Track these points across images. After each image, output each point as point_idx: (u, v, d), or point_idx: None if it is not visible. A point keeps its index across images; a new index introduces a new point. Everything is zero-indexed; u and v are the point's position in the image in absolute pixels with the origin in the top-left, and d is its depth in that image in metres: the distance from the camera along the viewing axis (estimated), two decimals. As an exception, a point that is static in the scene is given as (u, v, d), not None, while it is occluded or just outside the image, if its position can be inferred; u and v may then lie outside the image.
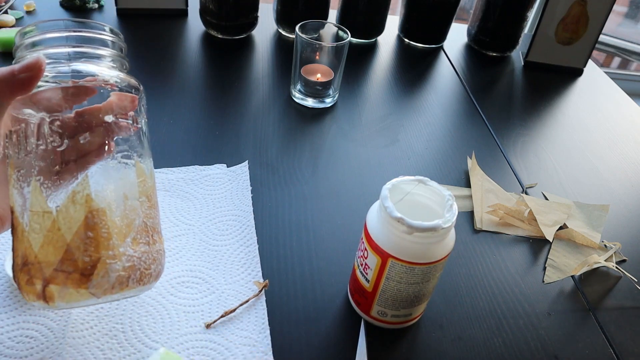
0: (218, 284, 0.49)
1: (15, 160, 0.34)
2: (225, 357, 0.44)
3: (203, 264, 0.51)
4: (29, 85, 0.31)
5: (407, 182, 0.44)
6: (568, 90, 0.97)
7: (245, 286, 0.50)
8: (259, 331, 0.46)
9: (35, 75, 0.31)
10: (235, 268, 0.51)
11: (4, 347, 0.41)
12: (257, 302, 0.48)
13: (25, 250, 0.33)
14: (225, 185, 0.61)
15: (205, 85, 0.79)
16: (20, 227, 0.33)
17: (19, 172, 0.34)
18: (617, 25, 2.01)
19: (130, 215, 0.35)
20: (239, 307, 0.47)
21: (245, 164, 0.64)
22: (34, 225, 0.33)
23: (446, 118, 0.82)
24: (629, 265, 0.60)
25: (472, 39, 1.05)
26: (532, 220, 0.63)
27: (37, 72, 0.31)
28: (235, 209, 0.58)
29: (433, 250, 0.41)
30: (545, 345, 0.50)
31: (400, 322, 0.47)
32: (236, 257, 0.52)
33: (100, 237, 0.33)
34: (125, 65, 0.38)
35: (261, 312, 0.47)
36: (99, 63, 0.35)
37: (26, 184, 0.33)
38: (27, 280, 0.33)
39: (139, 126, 0.38)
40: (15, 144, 0.34)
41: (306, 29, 0.74)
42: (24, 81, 0.31)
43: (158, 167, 0.61)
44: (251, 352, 0.44)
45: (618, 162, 0.78)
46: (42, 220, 0.33)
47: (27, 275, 0.33)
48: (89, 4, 0.93)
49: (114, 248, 0.34)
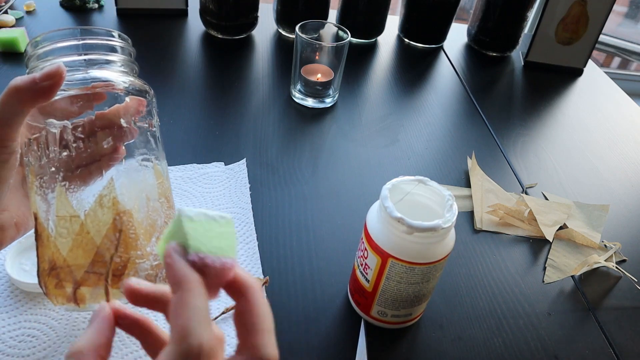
0: None
1: (36, 168, 0.34)
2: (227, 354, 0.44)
3: None
4: (50, 93, 0.32)
5: (407, 182, 0.44)
6: (568, 90, 0.97)
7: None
8: None
9: (56, 83, 0.31)
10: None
11: (6, 347, 0.41)
12: None
13: (52, 255, 0.34)
14: (223, 183, 0.61)
15: (205, 85, 0.79)
16: (46, 233, 0.34)
17: (41, 179, 0.34)
18: (617, 25, 2.01)
19: (153, 216, 0.37)
20: None
21: (243, 162, 0.64)
22: (61, 229, 0.33)
23: (446, 118, 0.82)
24: (629, 265, 0.60)
25: (472, 39, 1.05)
26: (532, 220, 0.63)
27: (58, 80, 0.31)
28: (234, 206, 0.58)
29: (433, 250, 0.41)
30: (545, 345, 0.50)
31: (400, 322, 0.47)
32: (236, 254, 0.52)
33: (128, 238, 0.34)
34: (135, 70, 0.39)
35: None
36: (111, 69, 0.36)
37: (50, 190, 0.34)
38: (57, 284, 0.34)
39: (154, 129, 0.39)
40: (36, 152, 0.34)
41: (306, 29, 0.74)
42: (45, 89, 0.31)
43: (158, 167, 0.61)
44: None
45: (618, 162, 0.78)
46: (70, 224, 0.34)
47: (56, 279, 0.34)
48: (89, 4, 0.93)
49: (141, 248, 0.34)
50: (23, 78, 0.31)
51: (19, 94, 0.31)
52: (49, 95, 0.32)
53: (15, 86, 0.31)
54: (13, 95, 0.31)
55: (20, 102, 0.31)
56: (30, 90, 0.31)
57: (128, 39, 0.39)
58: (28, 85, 0.31)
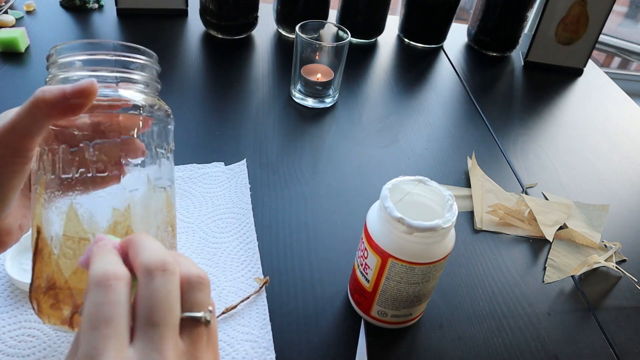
0: (218, 281, 0.49)
1: (47, 180, 0.32)
2: (228, 353, 0.44)
3: (203, 261, 0.51)
4: (79, 111, 0.30)
5: (407, 182, 0.44)
6: (568, 90, 0.97)
7: (246, 283, 0.50)
8: (260, 327, 0.46)
9: (87, 102, 0.29)
10: (235, 265, 0.51)
11: (6, 347, 0.41)
12: (258, 299, 0.48)
13: (52, 274, 0.32)
14: (223, 183, 0.61)
15: (205, 85, 0.79)
16: (48, 250, 0.32)
17: (52, 193, 0.32)
18: (617, 25, 2.01)
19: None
20: (240, 304, 0.47)
21: (244, 162, 0.64)
22: (67, 250, 0.32)
23: (446, 118, 0.82)
24: (629, 265, 0.60)
25: (472, 39, 1.05)
26: (532, 220, 0.63)
27: (90, 98, 0.29)
28: (234, 206, 0.58)
29: (433, 250, 0.41)
30: (545, 345, 0.50)
31: (400, 322, 0.47)
32: (236, 254, 0.53)
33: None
34: (158, 89, 0.37)
35: (262, 309, 0.48)
36: (138, 88, 0.34)
37: (59, 206, 0.32)
38: (53, 304, 0.32)
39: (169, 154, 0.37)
40: (50, 164, 0.32)
41: (306, 29, 0.74)
42: (75, 106, 0.29)
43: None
44: (253, 348, 0.44)
45: (618, 162, 0.78)
46: (77, 246, 0.32)
47: (53, 299, 0.32)
48: (89, 3, 0.93)
49: None
50: (52, 90, 0.29)
51: (45, 106, 0.29)
52: (78, 112, 0.30)
53: (43, 98, 0.29)
54: (38, 106, 0.29)
55: (45, 115, 0.29)
56: (58, 104, 0.29)
57: (155, 55, 0.37)
58: (57, 99, 0.29)
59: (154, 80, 0.36)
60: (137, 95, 0.34)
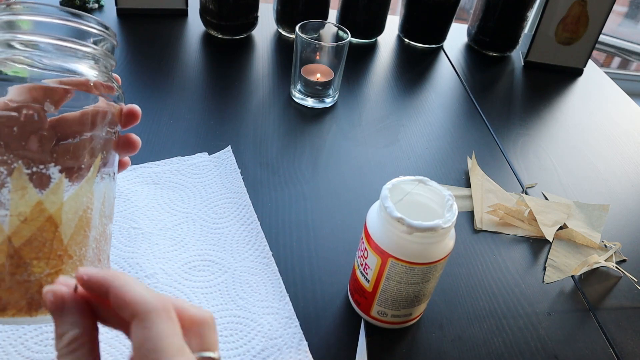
0: (229, 264, 0.51)
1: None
2: (252, 328, 0.45)
3: (209, 247, 0.53)
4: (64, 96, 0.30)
5: (407, 182, 0.44)
6: (568, 90, 0.97)
7: (256, 261, 0.51)
8: (279, 299, 0.48)
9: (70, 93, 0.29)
10: (241, 246, 0.53)
11: (32, 352, 0.41)
12: (272, 274, 0.50)
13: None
14: (212, 171, 0.62)
15: (205, 85, 0.79)
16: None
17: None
18: (617, 25, 2.01)
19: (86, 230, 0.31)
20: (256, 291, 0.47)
21: (229, 149, 0.65)
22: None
23: (446, 118, 0.82)
24: (629, 265, 0.60)
25: (472, 39, 1.05)
26: (532, 220, 0.63)
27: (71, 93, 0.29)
28: (228, 191, 0.59)
29: (433, 250, 0.41)
30: (545, 345, 0.50)
31: (400, 322, 0.47)
32: (240, 235, 0.54)
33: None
34: (113, 65, 0.34)
35: (277, 282, 0.50)
36: (88, 63, 0.31)
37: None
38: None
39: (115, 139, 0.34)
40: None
41: (306, 29, 0.74)
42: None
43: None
44: (276, 320, 0.46)
45: (618, 162, 0.78)
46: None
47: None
48: (89, 3, 0.93)
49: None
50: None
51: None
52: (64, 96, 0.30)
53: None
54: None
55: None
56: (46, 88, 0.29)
57: (111, 29, 0.33)
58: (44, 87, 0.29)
59: (107, 55, 0.32)
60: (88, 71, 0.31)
